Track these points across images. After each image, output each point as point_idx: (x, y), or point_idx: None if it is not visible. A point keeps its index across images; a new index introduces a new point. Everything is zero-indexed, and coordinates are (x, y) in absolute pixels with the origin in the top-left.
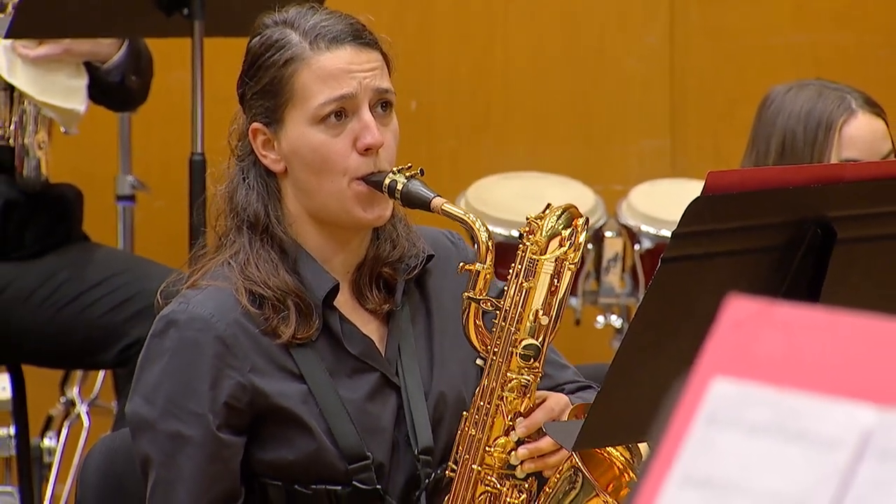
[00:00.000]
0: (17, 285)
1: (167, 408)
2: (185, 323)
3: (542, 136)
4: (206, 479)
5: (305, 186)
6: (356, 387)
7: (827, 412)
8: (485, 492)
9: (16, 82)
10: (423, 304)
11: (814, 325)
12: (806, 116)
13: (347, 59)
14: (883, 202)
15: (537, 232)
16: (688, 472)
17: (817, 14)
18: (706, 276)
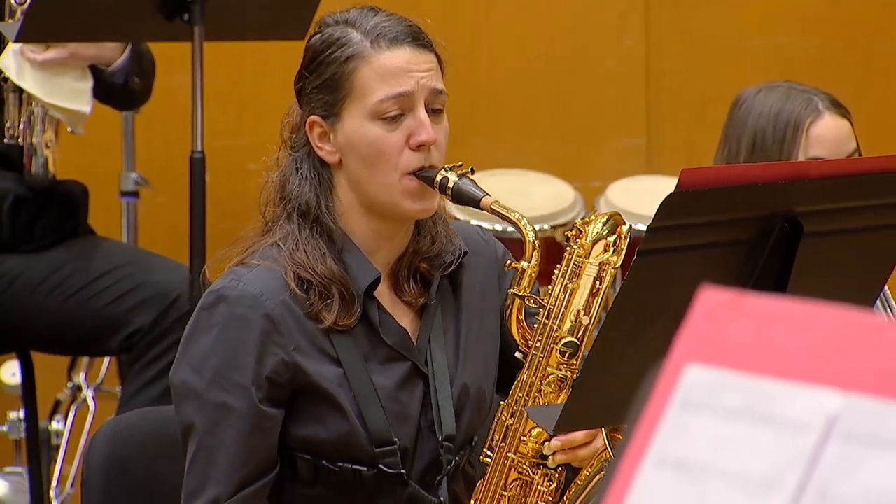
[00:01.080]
0: (27, 276)
1: (215, 378)
2: (235, 299)
3: (525, 136)
4: (247, 448)
5: (358, 178)
6: (388, 374)
7: (795, 397)
8: (517, 478)
9: (24, 85)
10: (454, 300)
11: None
12: (775, 117)
13: (406, 59)
14: (847, 198)
15: (583, 236)
16: (662, 454)
17: (786, 19)
18: (680, 268)
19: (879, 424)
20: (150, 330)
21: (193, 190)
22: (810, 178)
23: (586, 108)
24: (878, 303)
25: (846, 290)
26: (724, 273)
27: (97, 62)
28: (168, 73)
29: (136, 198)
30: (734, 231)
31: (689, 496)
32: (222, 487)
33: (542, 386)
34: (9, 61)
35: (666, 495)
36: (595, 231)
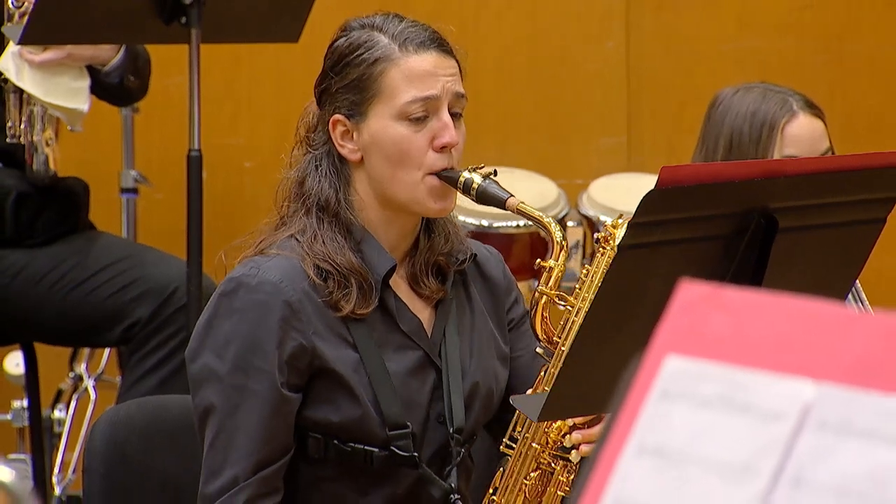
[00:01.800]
0: (30, 270)
1: (236, 363)
2: (255, 286)
3: (510, 135)
4: (266, 430)
5: (381, 176)
6: (400, 360)
7: (770, 387)
8: (538, 469)
9: (23, 85)
10: (468, 301)
11: (758, 307)
12: (751, 116)
13: (433, 63)
14: (820, 194)
15: (612, 239)
16: (643, 442)
17: (761, 23)
18: (659, 263)
19: (851, 413)
20: (148, 322)
21: (190, 187)
22: (785, 175)
23: (569, 109)
24: (849, 296)
25: (819, 283)
26: (702, 267)
27: (93, 62)
28: (166, 75)
29: (135, 194)
30: (712, 227)
31: (668, 482)
32: (241, 468)
33: None
34: (8, 63)
35: (646, 481)
36: (622, 235)
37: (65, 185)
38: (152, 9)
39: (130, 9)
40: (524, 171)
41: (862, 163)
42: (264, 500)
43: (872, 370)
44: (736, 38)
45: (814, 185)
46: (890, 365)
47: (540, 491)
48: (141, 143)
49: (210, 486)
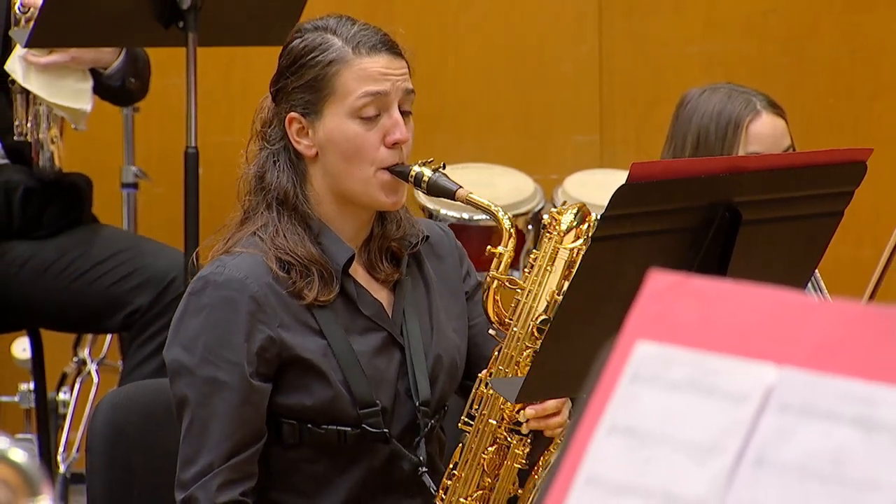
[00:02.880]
0: (36, 260)
1: (205, 356)
2: (222, 283)
3: (489, 132)
4: (237, 419)
5: (335, 171)
6: (366, 342)
7: (735, 370)
8: (495, 443)
9: (30, 87)
10: (423, 280)
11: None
12: (717, 116)
13: (384, 65)
14: (781, 189)
15: (557, 225)
16: (615, 422)
17: (726, 27)
18: (630, 253)
19: (812, 396)
20: (148, 309)
21: (188, 182)
22: (748, 171)
23: (545, 108)
24: (809, 285)
25: (781, 273)
26: (670, 257)
27: (96, 66)
28: (164, 76)
29: (135, 189)
30: (680, 219)
31: (638, 461)
32: (215, 455)
33: (520, 358)
34: (15, 65)
35: (618, 459)
36: (568, 221)
37: (69, 181)
38: (152, 13)
39: (131, 13)
40: (502, 166)
41: (820, 159)
42: (237, 484)
43: (832, 355)
44: (702, 41)
45: (775, 180)
46: (848, 350)
47: (497, 464)
48: (141, 140)
49: (186, 473)
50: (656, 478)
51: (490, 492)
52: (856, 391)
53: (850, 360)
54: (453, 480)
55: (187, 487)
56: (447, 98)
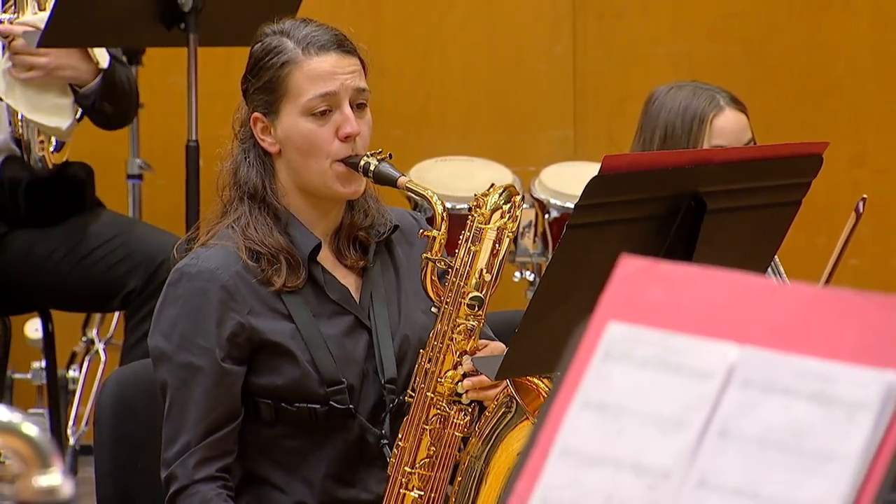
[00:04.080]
0: (42, 247)
1: (181, 343)
2: (195, 275)
3: (471, 127)
4: (212, 400)
5: (295, 165)
6: (335, 326)
7: (700, 349)
8: (436, 414)
9: (12, 102)
10: (392, 266)
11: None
12: (683, 111)
13: (333, 64)
14: (743, 180)
15: (483, 206)
16: (588, 397)
17: (692, 29)
18: (602, 240)
19: (772, 373)
20: (142, 290)
21: (189, 173)
22: (713, 163)
23: (522, 105)
24: (769, 269)
25: (743, 258)
26: (640, 244)
27: (73, 83)
28: (167, 74)
29: (140, 180)
30: (648, 208)
31: (610, 433)
32: (192, 435)
33: (453, 334)
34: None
35: (590, 432)
36: (493, 201)
37: (71, 172)
38: (155, 16)
39: (136, 15)
40: (483, 159)
41: (779, 152)
42: (214, 461)
43: (791, 335)
44: (669, 42)
45: (738, 171)
46: (806, 330)
47: (440, 433)
48: (145, 134)
49: (168, 452)
50: (627, 449)
51: (435, 459)
52: (813, 368)
53: (808, 339)
54: (399, 450)
55: (169, 465)
56: (432, 96)
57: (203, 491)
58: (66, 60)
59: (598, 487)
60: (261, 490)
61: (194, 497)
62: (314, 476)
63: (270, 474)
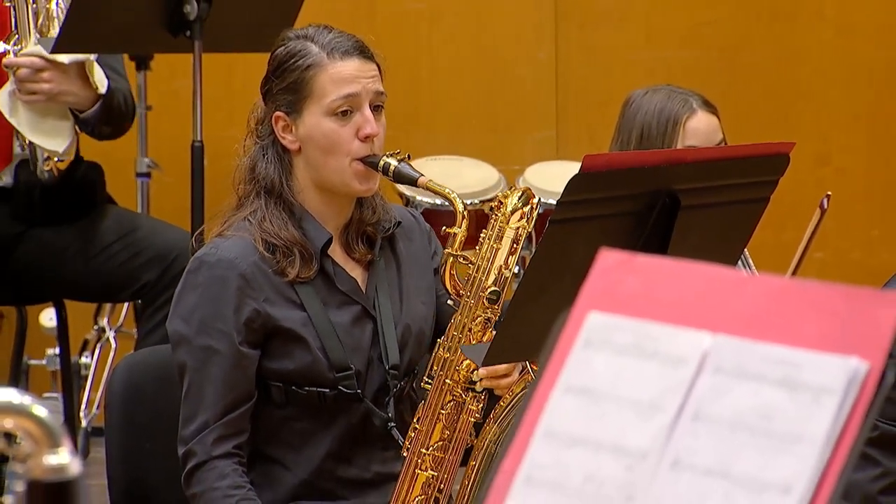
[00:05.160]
0: (59, 244)
1: (201, 327)
2: (214, 263)
3: (459, 129)
4: (230, 382)
5: (315, 163)
6: (343, 315)
7: (675, 337)
8: (452, 399)
9: (15, 122)
10: (394, 259)
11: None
12: (658, 113)
13: (355, 68)
14: (715, 178)
15: (504, 207)
16: (569, 383)
17: (667, 37)
18: (583, 234)
19: (742, 359)
20: (156, 283)
21: (194, 171)
22: (686, 162)
23: (508, 107)
24: (740, 262)
25: (715, 251)
26: (618, 238)
27: (74, 108)
28: (173, 79)
29: (148, 178)
30: (626, 205)
31: (590, 416)
32: (210, 413)
33: (472, 325)
34: (4, 99)
35: (572, 415)
36: (513, 203)
37: (82, 173)
38: (162, 24)
39: (144, 24)
40: (471, 159)
41: (749, 152)
42: (231, 439)
43: (760, 323)
44: (646, 49)
45: (710, 170)
46: (774, 319)
47: (455, 419)
48: (153, 135)
49: (186, 430)
50: (606, 431)
51: (448, 442)
52: (781, 355)
53: (776, 328)
54: (416, 433)
55: (187, 442)
56: (423, 99)
57: (220, 466)
58: (68, 87)
59: (580, 467)
60: (267, 467)
61: (212, 472)
62: (318, 455)
63: (277, 453)
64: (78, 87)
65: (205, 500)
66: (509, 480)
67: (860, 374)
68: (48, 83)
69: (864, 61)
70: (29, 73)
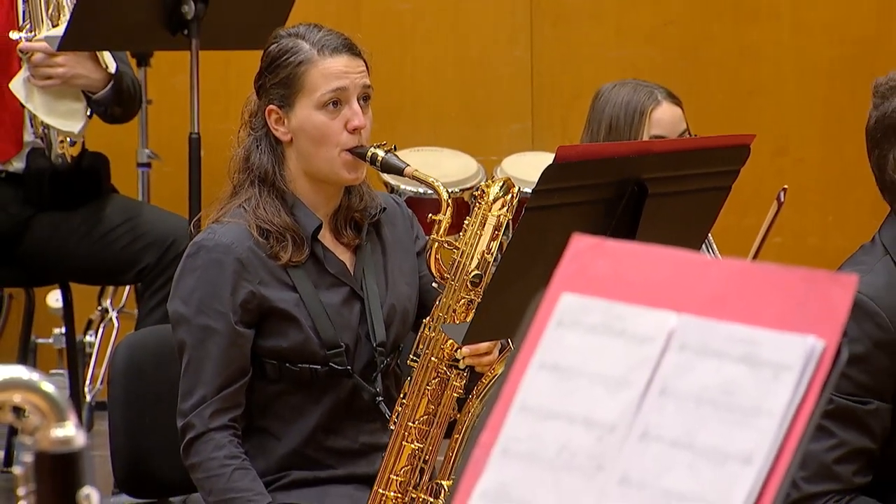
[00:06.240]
0: (65, 228)
1: (199, 307)
2: (212, 248)
3: (440, 121)
4: (226, 359)
5: (306, 153)
6: (333, 296)
7: (642, 316)
8: (437, 376)
9: (30, 107)
10: (380, 244)
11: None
12: (626, 105)
13: (344, 64)
14: (681, 168)
15: (486, 196)
16: (543, 360)
17: (634, 35)
18: (557, 221)
19: (706, 337)
20: (155, 266)
21: (191, 162)
22: (654, 153)
23: (486, 101)
24: (704, 246)
25: (680, 236)
26: (589, 224)
27: (86, 90)
28: (172, 74)
29: (148, 168)
30: (597, 193)
31: (563, 391)
32: (208, 388)
33: (456, 307)
34: (19, 86)
35: (546, 390)
36: (495, 192)
37: (89, 162)
38: (162, 23)
39: (145, 23)
40: (451, 149)
41: (712, 143)
42: (227, 412)
43: (723, 304)
44: (615, 47)
45: (676, 160)
46: (736, 299)
47: (439, 394)
48: (153, 127)
49: (185, 404)
50: (578, 405)
51: (433, 416)
52: (742, 334)
53: (738, 308)
54: (403, 408)
55: (186, 415)
56: (405, 94)
57: (217, 438)
58: (80, 70)
59: (553, 439)
60: (260, 439)
61: (209, 443)
62: (308, 427)
63: (270, 425)
64: (90, 70)
65: (202, 469)
66: (487, 453)
67: (817, 352)
68: (62, 67)
69: (818, 58)
70: (43, 58)
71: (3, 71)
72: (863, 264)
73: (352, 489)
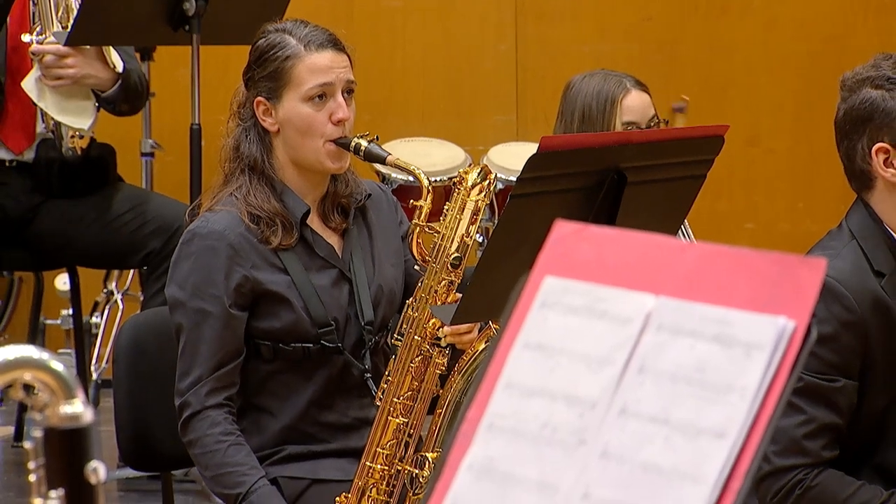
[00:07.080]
0: (73, 215)
1: (194, 292)
2: (205, 235)
3: (429, 113)
4: (221, 340)
5: (293, 143)
6: (323, 277)
7: (621, 298)
8: (420, 354)
9: (42, 105)
10: (366, 228)
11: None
12: (597, 94)
13: (330, 59)
14: (658, 157)
15: (465, 182)
16: (527, 340)
17: (613, 32)
18: (540, 207)
19: (682, 318)
20: (160, 251)
21: (192, 152)
22: (632, 143)
23: (472, 94)
24: (679, 232)
25: (657, 222)
26: (571, 211)
27: (96, 88)
28: (174, 68)
29: (152, 157)
30: (578, 181)
31: (547, 369)
32: (204, 368)
33: (437, 288)
34: (30, 85)
35: (530, 368)
36: (473, 179)
37: (97, 153)
38: (164, 19)
39: (148, 19)
40: (439, 140)
41: (687, 134)
42: (223, 391)
43: (697, 286)
44: (595, 42)
45: (653, 150)
46: (710, 282)
47: (423, 371)
48: (156, 118)
49: (182, 384)
50: (560, 383)
51: (417, 392)
52: (716, 314)
53: (712, 290)
54: (388, 384)
55: (183, 394)
56: (396, 87)
57: (213, 415)
58: (89, 70)
59: (537, 415)
60: (255, 416)
61: (205, 421)
62: (301, 403)
63: (264, 402)
64: (98, 70)
65: (199, 445)
66: (474, 427)
67: (787, 332)
68: (72, 68)
69: (788, 53)
70: (54, 60)
71: (16, 70)
72: (831, 249)
73: (345, 462)
